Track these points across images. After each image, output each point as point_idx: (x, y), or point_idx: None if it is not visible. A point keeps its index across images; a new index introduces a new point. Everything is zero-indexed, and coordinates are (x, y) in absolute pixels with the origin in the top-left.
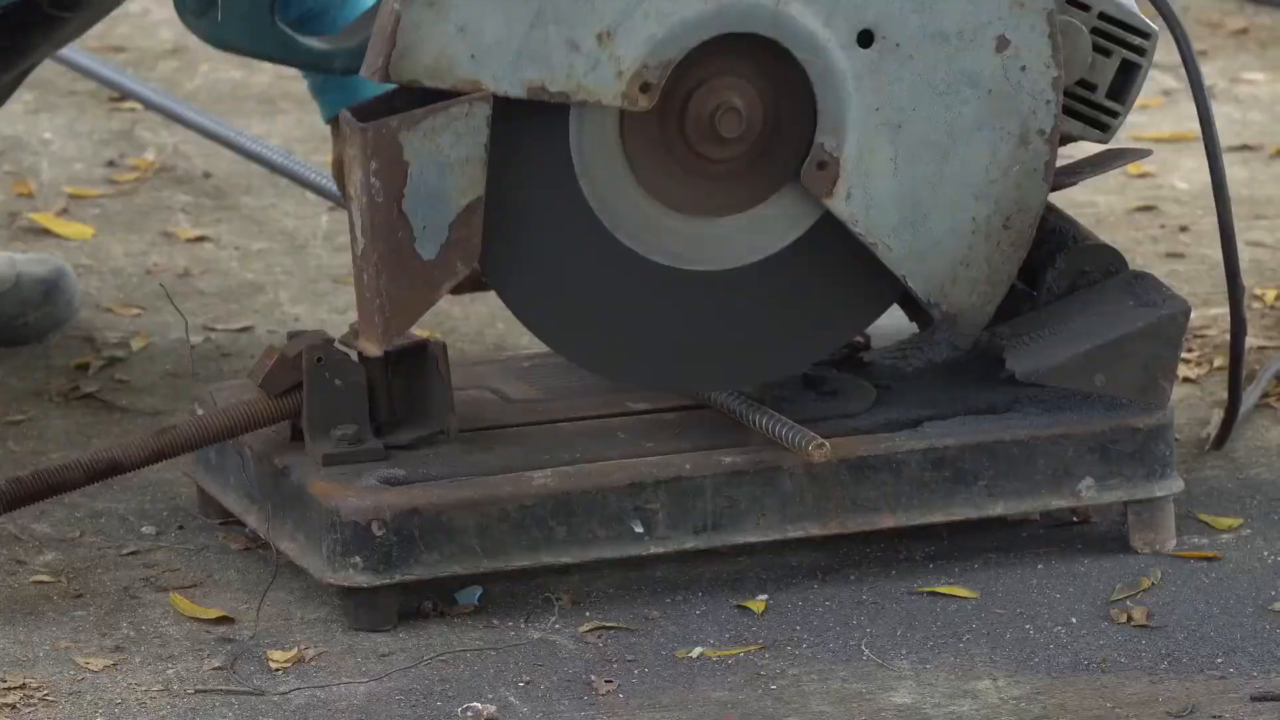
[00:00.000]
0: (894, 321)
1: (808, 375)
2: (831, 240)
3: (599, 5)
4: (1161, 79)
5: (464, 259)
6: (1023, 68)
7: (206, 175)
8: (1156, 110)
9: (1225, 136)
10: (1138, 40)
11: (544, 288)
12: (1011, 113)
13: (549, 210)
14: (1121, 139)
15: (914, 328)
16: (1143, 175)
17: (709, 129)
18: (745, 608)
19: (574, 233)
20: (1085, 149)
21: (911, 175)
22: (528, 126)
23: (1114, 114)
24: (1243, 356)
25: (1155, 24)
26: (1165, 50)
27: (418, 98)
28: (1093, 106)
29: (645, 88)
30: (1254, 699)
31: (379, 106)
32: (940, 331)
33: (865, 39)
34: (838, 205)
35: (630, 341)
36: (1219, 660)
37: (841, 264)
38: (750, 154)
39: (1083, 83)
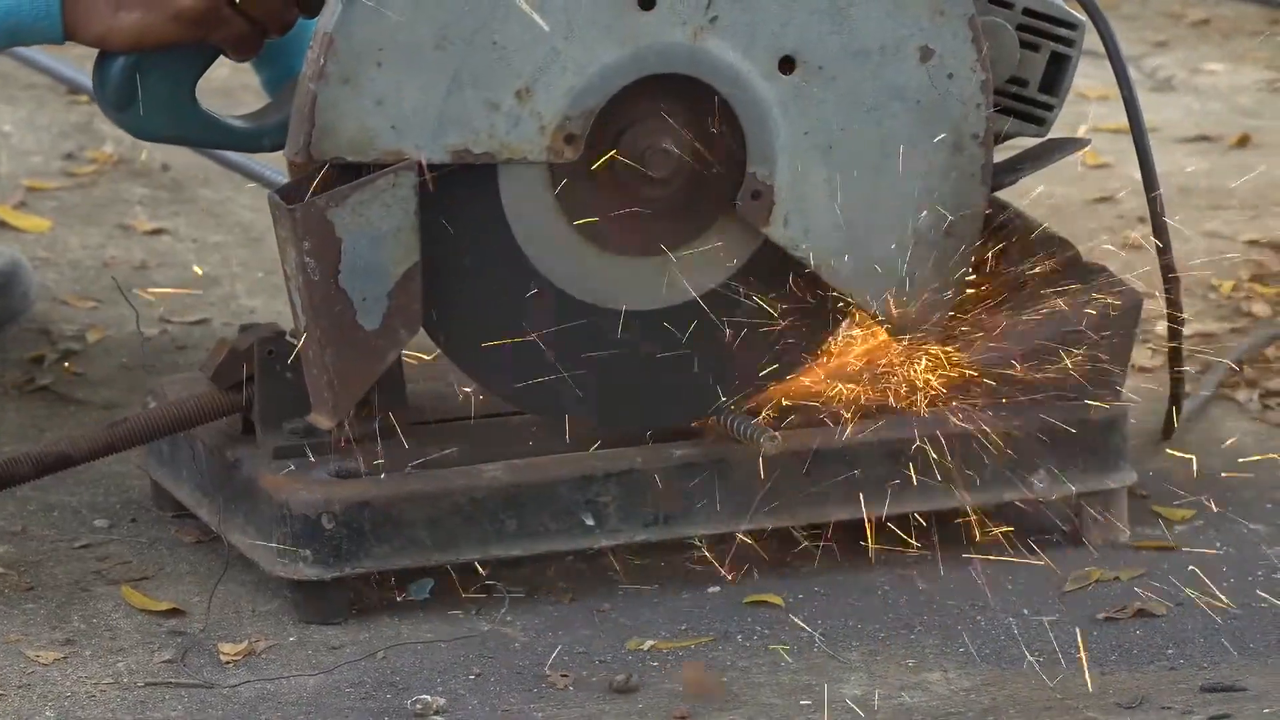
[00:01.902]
0: None
1: None
2: (774, 268)
3: (515, 63)
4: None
5: (407, 325)
6: (949, 75)
7: (165, 168)
8: (1115, 102)
9: (1184, 127)
10: (1064, 32)
11: (483, 337)
12: (942, 121)
13: (484, 261)
14: (1080, 131)
15: None
16: (1100, 166)
17: (639, 171)
18: (697, 600)
19: (510, 281)
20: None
21: (848, 194)
22: (458, 184)
23: (1048, 107)
24: (1181, 347)
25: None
26: (1129, 42)
27: (344, 172)
28: (1026, 102)
29: (570, 139)
30: (1204, 690)
31: (304, 184)
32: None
33: (787, 65)
34: (776, 232)
35: (574, 384)
36: (1170, 651)
37: (785, 292)
38: (683, 191)
39: (1014, 80)
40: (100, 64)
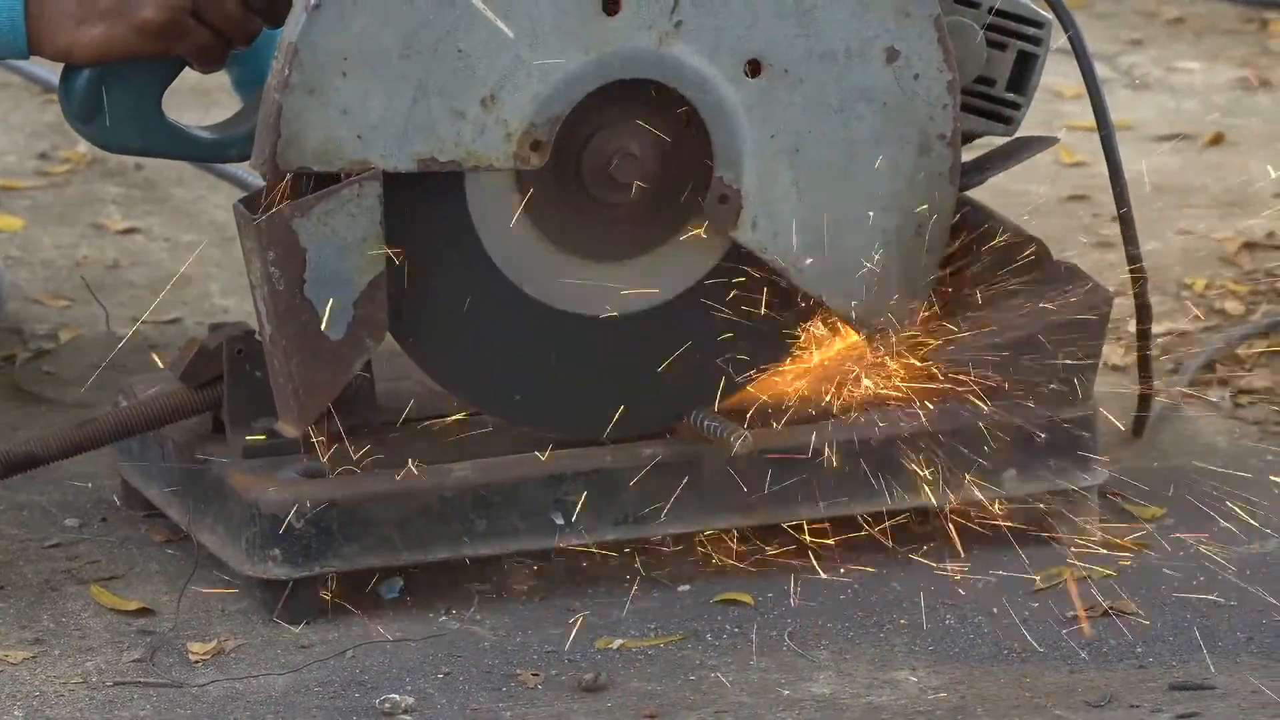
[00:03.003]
0: None
1: None
2: (742, 272)
3: (480, 71)
4: (1096, 68)
5: (373, 334)
6: (915, 76)
7: (138, 167)
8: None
9: (1158, 125)
10: (1031, 30)
11: (452, 344)
12: (909, 122)
13: (452, 268)
14: (1055, 129)
15: None
16: (1076, 165)
17: (606, 176)
18: (666, 599)
19: (478, 287)
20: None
21: (815, 197)
22: (424, 191)
23: (1016, 106)
24: (1150, 346)
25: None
26: (1103, 41)
27: (309, 182)
28: (994, 101)
29: (536, 146)
30: (1172, 688)
31: (269, 194)
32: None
33: (753, 69)
34: (744, 236)
35: (543, 390)
36: (1139, 650)
37: (754, 295)
38: (651, 195)
39: (981, 79)
40: (66, 77)
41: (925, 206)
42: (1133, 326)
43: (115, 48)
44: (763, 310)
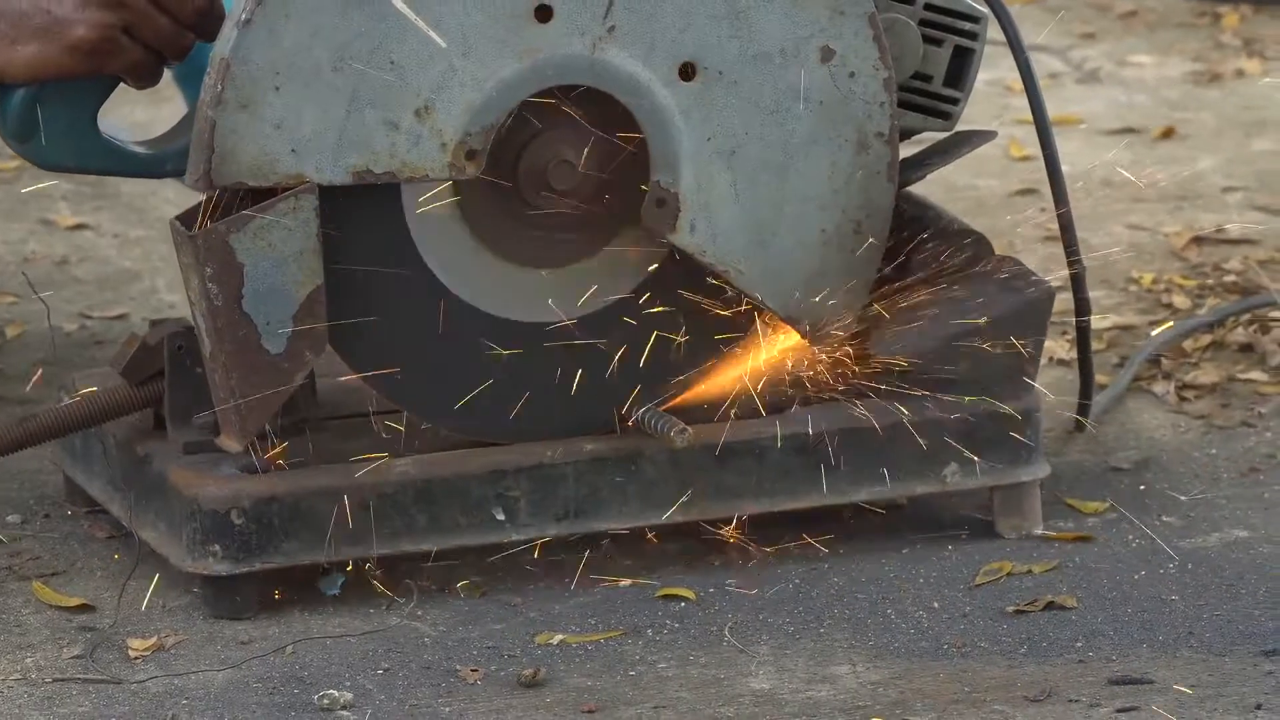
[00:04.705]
0: None
1: None
2: (683, 275)
3: (413, 81)
4: (1047, 62)
5: (312, 348)
6: (851, 74)
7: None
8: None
9: (1110, 120)
10: (967, 25)
11: (391, 353)
12: (846, 120)
13: (391, 278)
14: (1007, 122)
15: None
16: (1025, 159)
17: (543, 183)
18: (607, 594)
19: (417, 297)
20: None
21: (753, 198)
22: (361, 203)
23: (954, 101)
24: (1089, 339)
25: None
26: (1055, 35)
27: (246, 196)
28: (931, 97)
29: (471, 155)
30: (1112, 683)
31: (206, 210)
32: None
33: (687, 72)
34: (683, 239)
35: (485, 397)
36: (1079, 644)
37: (697, 294)
38: (589, 201)
39: (918, 75)
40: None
41: (863, 205)
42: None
43: (48, 67)
44: (703, 312)
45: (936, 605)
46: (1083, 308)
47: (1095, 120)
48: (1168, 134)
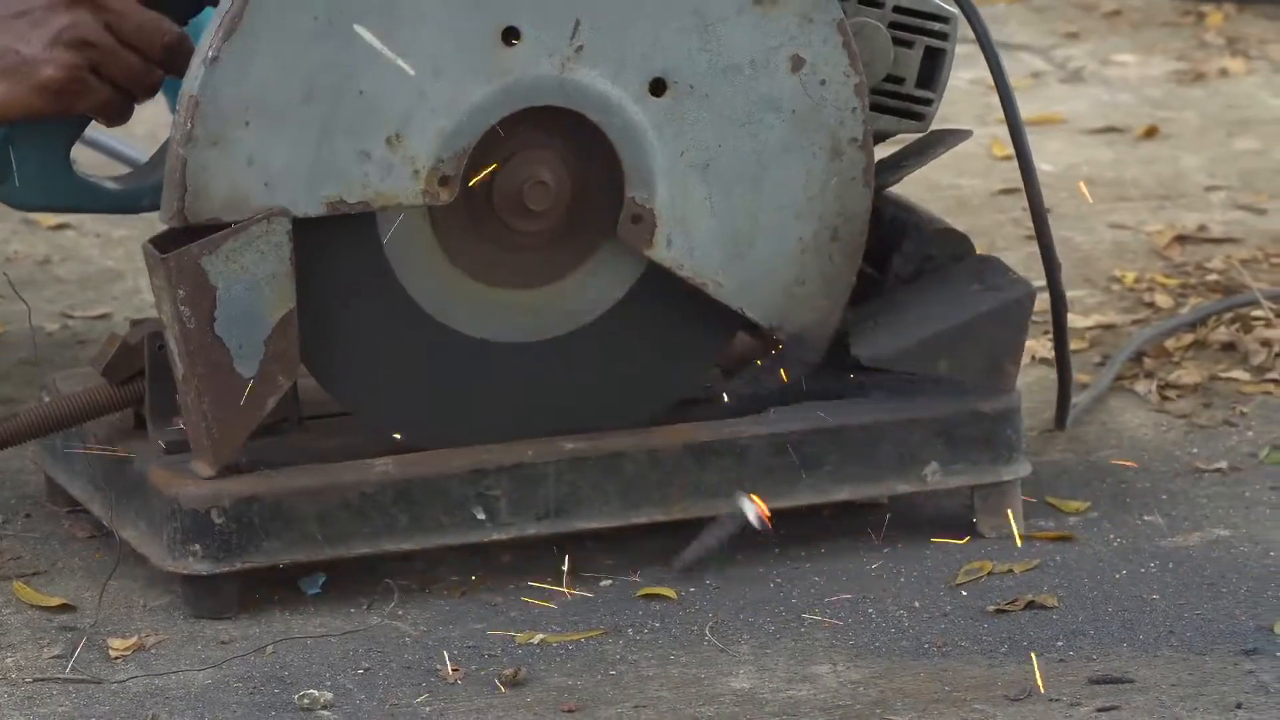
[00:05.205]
0: None
1: None
2: (663, 288)
3: (383, 109)
4: (1031, 61)
5: (285, 371)
6: (822, 82)
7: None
8: (1024, 92)
9: (1093, 119)
10: (937, 26)
11: (368, 377)
12: (819, 128)
13: (366, 304)
14: (989, 122)
15: None
16: (1008, 158)
17: (518, 204)
18: (588, 594)
19: (393, 321)
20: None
21: (729, 210)
22: (336, 230)
23: (927, 102)
24: (1065, 336)
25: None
26: (1039, 34)
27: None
28: (904, 99)
29: (444, 181)
30: (1092, 682)
31: (179, 233)
32: (789, 354)
33: (657, 88)
34: (660, 254)
35: (467, 419)
36: (1059, 644)
37: (677, 309)
38: (564, 221)
39: (890, 78)
40: None
41: (839, 211)
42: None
43: (15, 108)
44: (686, 321)
45: (917, 604)
46: (1059, 305)
47: (1079, 119)
48: (1151, 133)
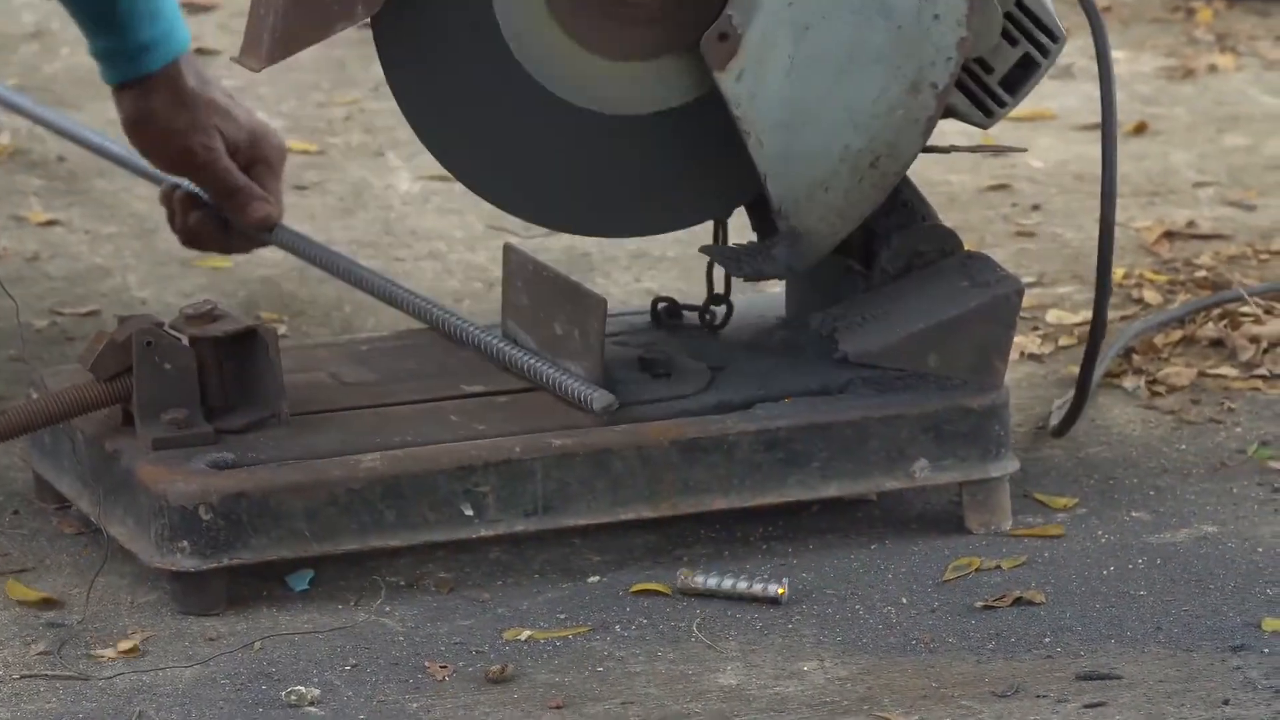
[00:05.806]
0: None
1: (643, 357)
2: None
3: None
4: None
5: (365, 4)
6: (936, 16)
7: (60, 159)
8: None
9: (1083, 115)
10: (1045, 40)
11: (474, 141)
12: (911, 56)
13: (471, 57)
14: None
15: None
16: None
17: None
18: (575, 590)
19: (495, 77)
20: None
21: (804, 81)
22: None
23: (1002, 103)
24: (1095, 360)
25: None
26: None
27: None
28: (984, 88)
29: None
30: (1079, 678)
31: None
32: (778, 248)
33: None
34: (727, 82)
35: (548, 185)
36: (1046, 640)
37: (727, 136)
38: (665, 4)
39: (981, 61)
40: None
41: (891, 143)
42: (1051, 316)
43: None
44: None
45: (905, 601)
46: (1097, 333)
47: (1069, 115)
48: (1140, 129)
